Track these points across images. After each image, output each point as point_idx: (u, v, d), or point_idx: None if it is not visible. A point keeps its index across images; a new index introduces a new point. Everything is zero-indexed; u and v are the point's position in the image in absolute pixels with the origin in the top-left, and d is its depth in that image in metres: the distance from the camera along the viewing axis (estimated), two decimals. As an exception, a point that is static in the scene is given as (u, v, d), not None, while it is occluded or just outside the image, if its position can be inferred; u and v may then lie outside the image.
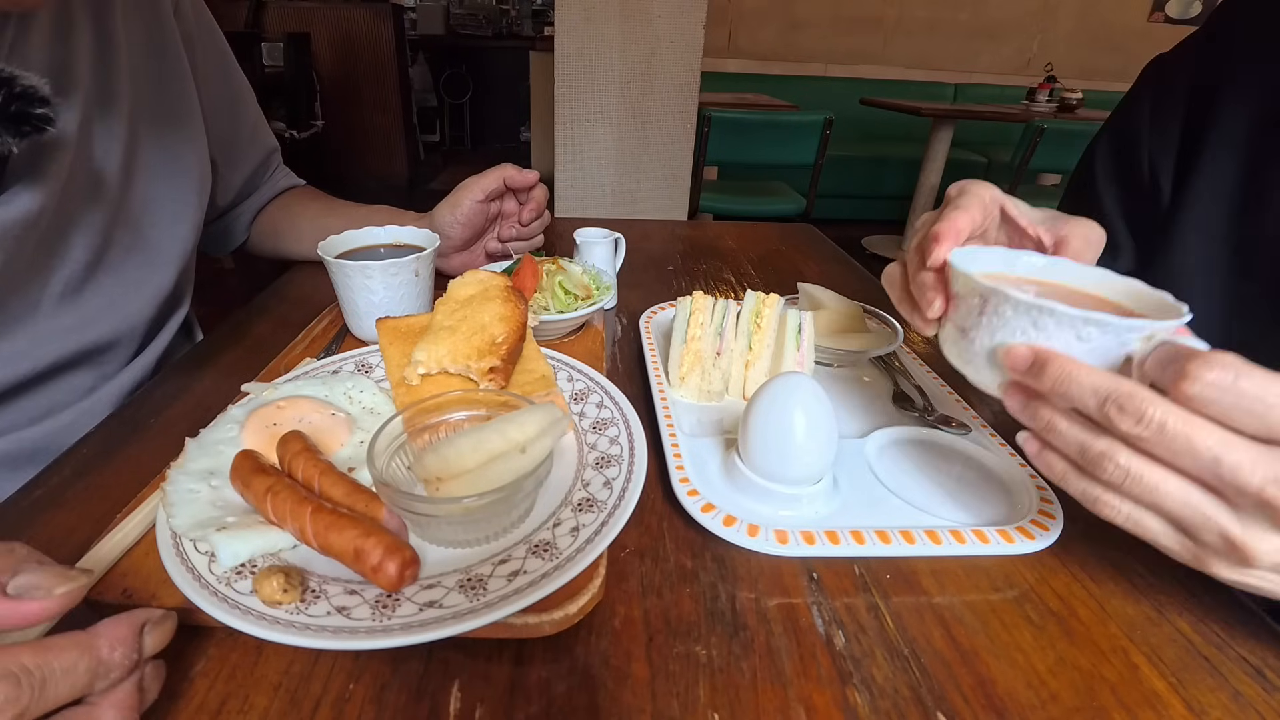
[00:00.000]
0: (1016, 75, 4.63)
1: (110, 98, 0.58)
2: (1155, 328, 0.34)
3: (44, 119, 0.47)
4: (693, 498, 0.44)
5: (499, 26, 6.13)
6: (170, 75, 0.67)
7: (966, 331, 0.39)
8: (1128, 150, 0.64)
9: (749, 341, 0.59)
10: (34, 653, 0.25)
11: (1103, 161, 0.67)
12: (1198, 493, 0.31)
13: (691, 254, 1.03)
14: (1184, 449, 0.30)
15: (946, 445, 0.53)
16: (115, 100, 0.59)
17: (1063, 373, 0.34)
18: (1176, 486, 0.32)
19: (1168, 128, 0.61)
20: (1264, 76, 0.55)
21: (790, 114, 2.73)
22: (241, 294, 2.98)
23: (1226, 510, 0.31)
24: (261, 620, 0.32)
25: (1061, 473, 0.35)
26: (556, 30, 2.10)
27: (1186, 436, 0.30)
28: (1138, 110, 0.64)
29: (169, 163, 0.66)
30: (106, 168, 0.59)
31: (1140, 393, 0.31)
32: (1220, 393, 0.29)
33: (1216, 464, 0.30)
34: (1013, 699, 0.33)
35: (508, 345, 0.52)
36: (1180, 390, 0.30)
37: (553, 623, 0.34)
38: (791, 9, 4.47)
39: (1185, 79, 0.61)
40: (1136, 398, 0.31)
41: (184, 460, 0.43)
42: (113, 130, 0.59)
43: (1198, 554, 0.33)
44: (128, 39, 0.61)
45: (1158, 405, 0.31)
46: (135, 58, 0.62)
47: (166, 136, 0.65)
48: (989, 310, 0.38)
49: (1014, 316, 0.36)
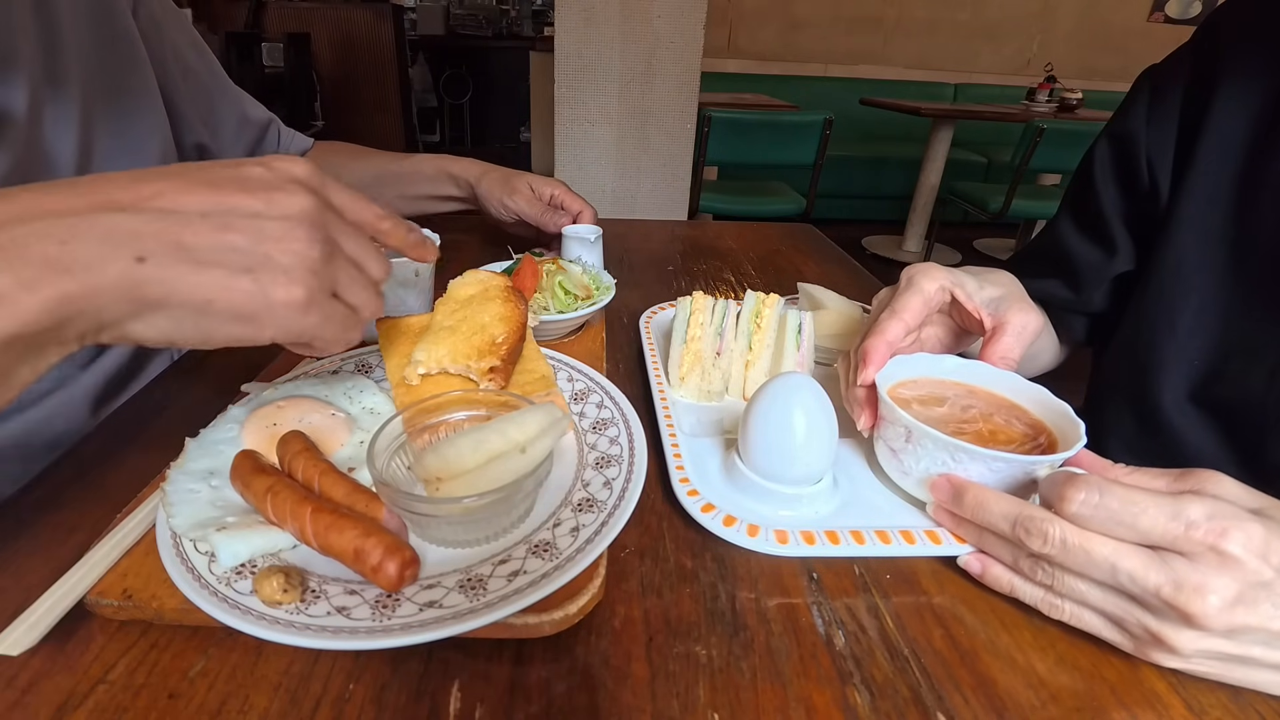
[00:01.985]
0: (1016, 75, 4.63)
1: (58, 78, 0.56)
2: (1053, 460, 0.40)
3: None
4: (693, 498, 0.44)
5: (499, 27, 6.13)
6: (125, 64, 0.65)
7: (896, 453, 0.45)
8: (1126, 153, 0.66)
9: (749, 342, 0.59)
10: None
11: (1101, 165, 0.68)
12: (1113, 594, 0.35)
13: (691, 254, 1.03)
14: (1086, 561, 0.34)
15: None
16: (64, 81, 0.56)
17: (976, 501, 0.40)
18: (1095, 589, 0.35)
19: (1164, 128, 0.62)
20: (1256, 79, 0.56)
21: (790, 114, 2.73)
22: (241, 294, 2.97)
23: (1140, 608, 0.34)
24: (261, 620, 0.32)
25: (1009, 584, 0.39)
26: (556, 30, 2.10)
27: (1084, 549, 0.34)
28: (1135, 113, 0.65)
29: (130, 150, 0.64)
30: (59, 148, 0.56)
31: (1040, 515, 0.36)
32: (1092, 509, 0.34)
33: (1115, 571, 0.34)
34: (1013, 699, 0.33)
35: (508, 345, 0.52)
36: (1064, 511, 0.35)
37: (553, 623, 0.34)
38: (791, 9, 4.47)
39: (1181, 81, 0.62)
40: (1038, 519, 0.36)
41: (184, 460, 0.43)
42: (65, 112, 0.56)
43: (1136, 646, 0.35)
44: (74, 24, 0.58)
45: (1056, 524, 0.35)
46: (84, 42, 0.60)
47: (125, 123, 0.64)
48: (914, 440, 0.43)
49: (935, 449, 0.42)
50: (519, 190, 0.89)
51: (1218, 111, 0.58)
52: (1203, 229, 0.59)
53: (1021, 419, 0.47)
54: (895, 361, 0.50)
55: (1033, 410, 0.48)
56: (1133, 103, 0.66)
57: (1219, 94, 0.58)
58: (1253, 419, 0.57)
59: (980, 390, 0.50)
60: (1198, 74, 0.61)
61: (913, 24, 4.58)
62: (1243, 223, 0.57)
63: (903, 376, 0.51)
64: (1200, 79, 0.60)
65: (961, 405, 0.49)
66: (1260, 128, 0.56)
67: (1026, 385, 0.48)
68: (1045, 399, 0.47)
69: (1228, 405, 0.59)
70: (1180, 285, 0.60)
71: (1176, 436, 0.61)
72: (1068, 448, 0.41)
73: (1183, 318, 0.60)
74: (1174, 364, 0.61)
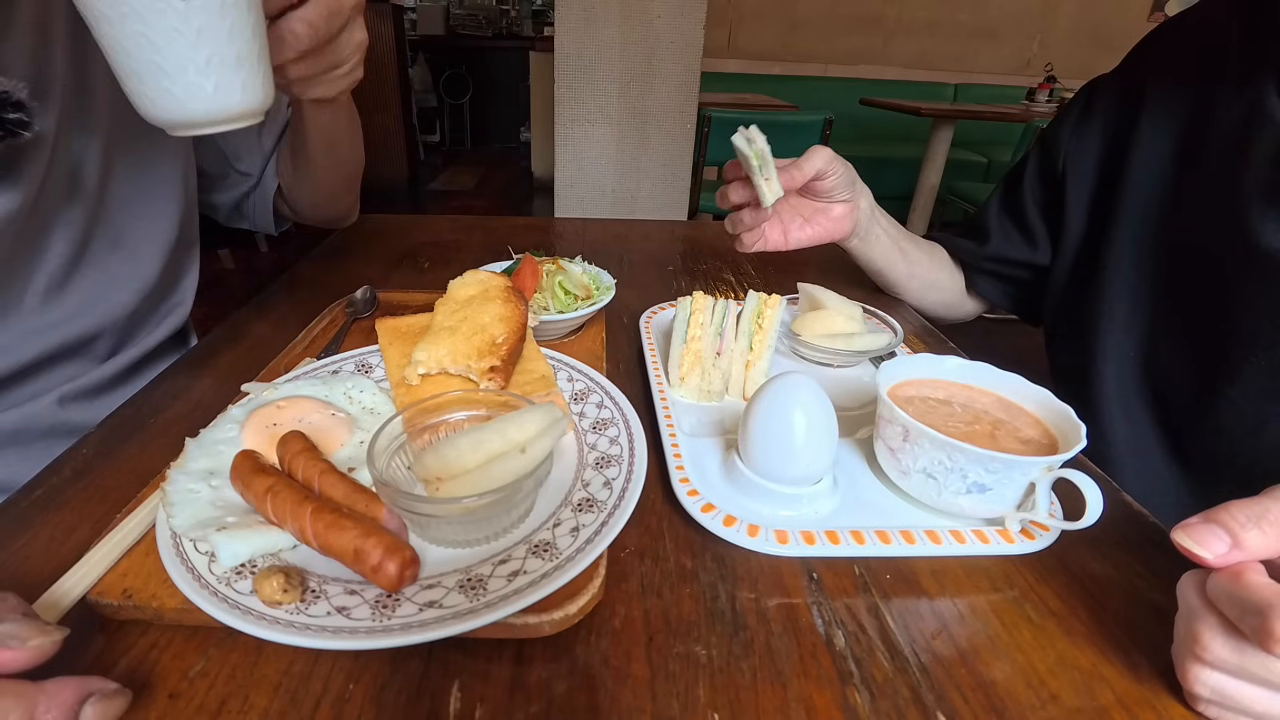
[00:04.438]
0: (1016, 75, 4.63)
1: (87, 100, 0.59)
2: (1052, 461, 0.40)
3: (19, 123, 0.48)
4: (693, 498, 0.44)
5: (499, 27, 6.13)
6: None
7: (895, 452, 0.46)
8: (1049, 155, 0.77)
9: (749, 342, 0.59)
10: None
11: (1033, 160, 0.79)
12: None
13: (691, 254, 1.03)
14: None
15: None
16: (92, 103, 0.60)
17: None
18: None
19: (1085, 142, 0.73)
20: (1176, 102, 0.65)
21: (790, 114, 2.73)
22: (241, 294, 2.98)
23: None
24: (261, 620, 0.32)
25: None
26: (556, 30, 2.10)
27: None
28: (1065, 122, 0.76)
29: (149, 159, 0.67)
30: (84, 167, 0.60)
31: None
32: None
33: None
34: (1013, 699, 0.33)
35: (508, 345, 0.52)
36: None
37: (553, 623, 0.34)
38: (791, 9, 4.47)
39: (1112, 99, 0.72)
40: None
41: (184, 460, 0.43)
42: (90, 131, 0.60)
43: None
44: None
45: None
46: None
47: (146, 134, 0.65)
48: (911, 439, 0.43)
49: (932, 449, 0.42)
50: None
51: (1144, 128, 0.67)
52: (1134, 233, 0.67)
53: (1022, 419, 0.47)
54: (896, 362, 0.50)
55: (1033, 411, 0.48)
56: (1067, 112, 0.76)
57: (1144, 113, 0.67)
58: (1180, 409, 0.65)
59: (981, 390, 0.50)
60: (1125, 95, 0.70)
61: (913, 24, 4.58)
62: (1168, 228, 0.65)
63: (903, 376, 0.51)
64: (1128, 99, 0.69)
65: (961, 405, 0.49)
66: (1179, 145, 0.64)
67: (1028, 386, 0.48)
68: (1046, 400, 0.47)
69: (1159, 396, 0.67)
70: (1118, 283, 0.68)
71: (1111, 423, 0.69)
72: (1068, 449, 0.41)
73: (1119, 313, 0.68)
74: (1112, 356, 0.69)
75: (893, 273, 0.83)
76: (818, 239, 0.77)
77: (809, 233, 0.77)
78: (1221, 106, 0.61)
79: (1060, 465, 0.41)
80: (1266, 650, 0.28)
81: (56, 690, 0.27)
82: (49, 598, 0.34)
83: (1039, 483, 0.41)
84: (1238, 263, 0.59)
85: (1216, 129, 0.61)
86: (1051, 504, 0.45)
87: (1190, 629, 0.32)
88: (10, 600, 0.29)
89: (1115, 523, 0.45)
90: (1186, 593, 0.33)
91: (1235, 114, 0.60)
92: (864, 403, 0.60)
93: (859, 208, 0.77)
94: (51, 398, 0.61)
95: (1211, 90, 0.63)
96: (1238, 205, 0.58)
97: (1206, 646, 0.30)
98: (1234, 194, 0.59)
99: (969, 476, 0.42)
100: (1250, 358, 0.59)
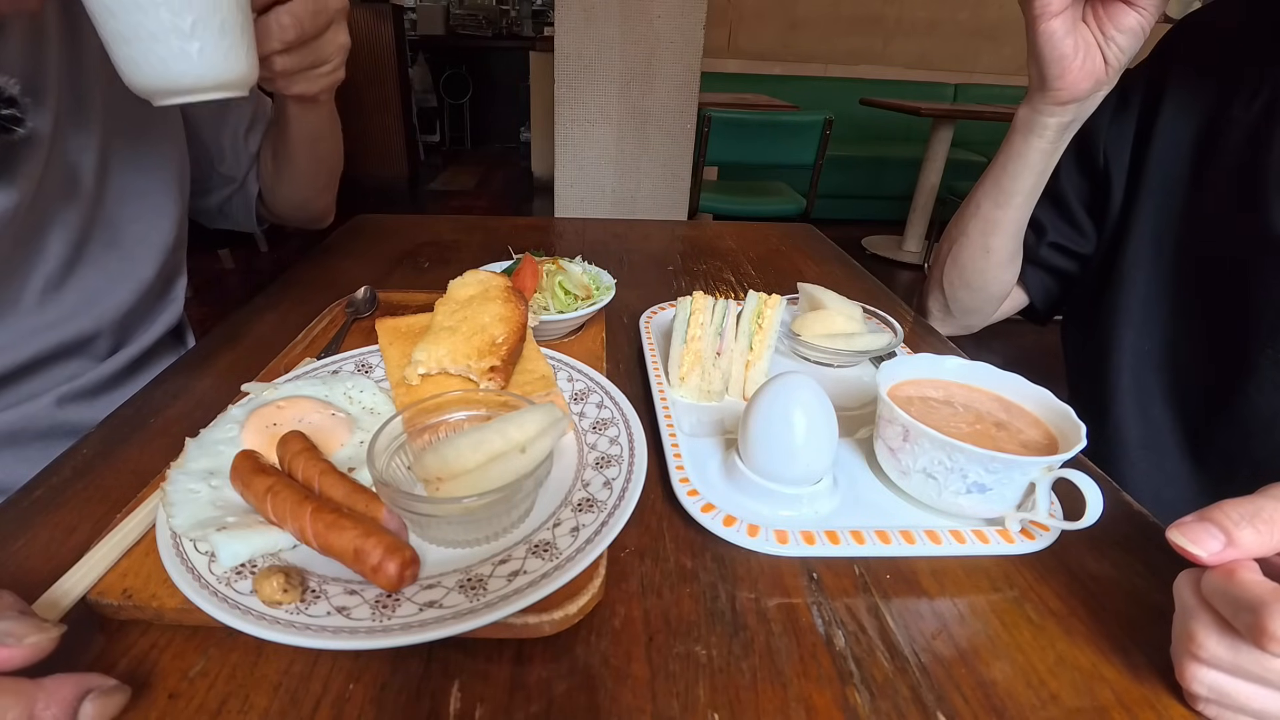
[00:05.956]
0: (1016, 75, 4.62)
1: (83, 100, 0.60)
2: (1052, 461, 0.40)
3: (12, 119, 0.49)
4: (693, 498, 0.44)
5: (499, 27, 6.14)
6: None
7: (895, 452, 0.46)
8: (1089, 146, 0.74)
9: (749, 342, 0.59)
10: None
11: (1068, 155, 0.74)
12: None
13: (691, 254, 1.03)
14: None
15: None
16: (89, 103, 0.60)
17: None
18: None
19: (1123, 128, 0.71)
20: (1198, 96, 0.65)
21: (790, 114, 2.73)
22: (241, 294, 2.98)
23: None
24: (261, 620, 0.32)
25: None
26: (556, 30, 2.10)
27: None
28: (1101, 110, 0.72)
29: (146, 159, 0.67)
30: (81, 166, 0.60)
31: None
32: None
33: None
34: (1013, 699, 0.33)
35: (508, 345, 0.52)
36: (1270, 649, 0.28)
37: (553, 623, 0.34)
38: (791, 9, 4.46)
39: (1139, 90, 0.70)
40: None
41: (184, 460, 0.43)
42: (87, 131, 0.60)
43: None
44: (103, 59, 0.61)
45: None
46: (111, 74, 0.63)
47: (143, 134, 0.66)
48: (911, 439, 0.43)
49: (932, 449, 0.42)
50: None
51: (1165, 122, 0.66)
52: (1155, 226, 0.67)
53: (1022, 419, 0.47)
54: (896, 362, 0.50)
55: (1033, 411, 0.48)
56: (1104, 104, 0.73)
57: (1165, 107, 0.66)
58: (1195, 405, 0.64)
59: (981, 390, 0.50)
60: (1150, 87, 0.69)
61: (913, 24, 4.58)
62: (1187, 223, 0.64)
63: (903, 376, 0.51)
64: (1153, 90, 0.69)
65: (961, 405, 0.49)
66: (1200, 138, 0.64)
67: (1028, 386, 0.48)
68: (1046, 400, 0.47)
69: (1175, 392, 0.67)
70: (1137, 276, 0.68)
71: (1125, 419, 0.69)
72: (1068, 449, 0.41)
73: (1137, 307, 0.68)
74: (1129, 351, 0.68)
75: (1004, 209, 0.74)
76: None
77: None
78: (1240, 103, 0.62)
79: (1060, 465, 0.41)
80: (1260, 647, 0.28)
81: (55, 687, 0.27)
82: (49, 598, 0.34)
83: (1039, 483, 0.41)
84: (1256, 256, 0.59)
85: (1236, 123, 0.62)
86: (1051, 504, 0.45)
87: (1186, 628, 0.32)
88: (6, 598, 0.29)
89: (1115, 523, 0.45)
90: (1182, 591, 0.33)
91: (1255, 108, 0.61)
92: (864, 403, 0.60)
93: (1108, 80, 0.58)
94: (49, 398, 0.61)
95: (1231, 86, 0.63)
96: (1257, 197, 0.59)
97: (1202, 645, 0.30)
98: (1253, 186, 0.59)
99: (969, 476, 0.42)
100: (1267, 350, 0.59)
